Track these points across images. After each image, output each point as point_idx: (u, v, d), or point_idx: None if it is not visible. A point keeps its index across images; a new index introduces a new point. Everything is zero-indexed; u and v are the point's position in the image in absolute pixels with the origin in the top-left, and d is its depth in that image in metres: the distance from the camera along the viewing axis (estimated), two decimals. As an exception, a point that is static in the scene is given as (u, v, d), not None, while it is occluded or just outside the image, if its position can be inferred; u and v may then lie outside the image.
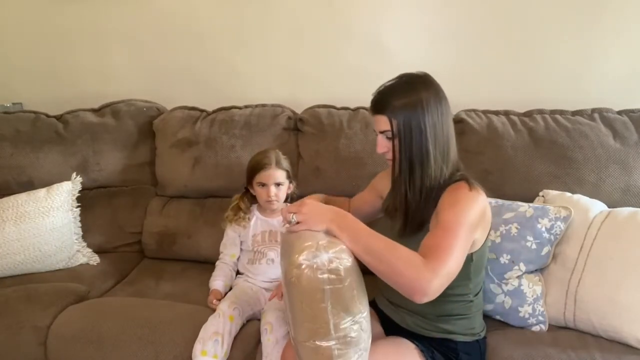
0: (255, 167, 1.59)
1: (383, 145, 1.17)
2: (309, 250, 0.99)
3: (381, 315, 1.35)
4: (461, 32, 1.92)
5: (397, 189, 1.19)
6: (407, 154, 1.13)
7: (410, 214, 1.18)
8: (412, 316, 1.25)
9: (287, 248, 1.07)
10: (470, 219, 1.07)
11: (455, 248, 1.02)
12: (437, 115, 1.12)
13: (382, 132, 1.16)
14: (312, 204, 1.11)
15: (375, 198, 1.45)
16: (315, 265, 0.97)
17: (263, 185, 1.59)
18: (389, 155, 1.18)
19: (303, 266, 0.97)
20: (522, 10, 1.85)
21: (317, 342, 0.99)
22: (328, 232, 1.07)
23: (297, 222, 1.09)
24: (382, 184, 1.41)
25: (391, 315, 1.31)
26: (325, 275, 0.97)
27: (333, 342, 0.99)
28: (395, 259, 0.99)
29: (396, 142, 1.13)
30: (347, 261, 1.00)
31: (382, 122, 1.14)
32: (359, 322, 1.02)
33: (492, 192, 1.22)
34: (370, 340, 1.07)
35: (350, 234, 1.05)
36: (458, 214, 1.06)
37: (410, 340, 1.21)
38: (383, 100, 1.14)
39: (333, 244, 1.02)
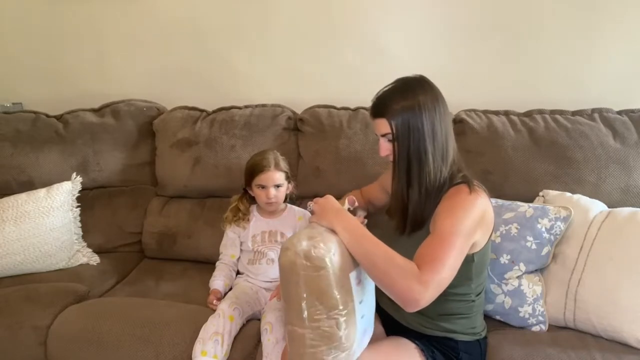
0: (254, 170, 1.59)
1: (385, 149, 1.20)
2: (299, 236, 1.04)
3: (382, 315, 1.35)
4: (461, 32, 1.92)
5: (398, 188, 1.20)
6: (406, 154, 1.15)
7: (410, 213, 1.19)
8: (413, 315, 1.25)
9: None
10: (467, 226, 1.09)
11: (449, 258, 1.03)
12: (435, 116, 1.14)
13: (383, 136, 1.19)
14: (328, 200, 1.15)
15: (382, 194, 1.49)
16: (297, 250, 1.01)
17: (262, 187, 1.59)
18: (392, 158, 1.19)
19: (289, 249, 1.02)
20: (522, 11, 1.85)
21: (295, 327, 1.03)
22: (332, 231, 1.09)
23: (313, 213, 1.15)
24: (389, 182, 1.42)
25: (392, 313, 1.32)
26: (302, 261, 1.00)
27: (307, 331, 1.01)
28: (391, 268, 1.01)
29: (397, 144, 1.15)
30: (326, 252, 1.01)
31: (383, 126, 1.16)
32: (335, 319, 1.02)
33: (492, 192, 1.22)
34: (351, 345, 1.06)
35: (352, 237, 1.07)
36: (454, 222, 1.08)
37: (410, 340, 1.22)
38: (382, 104, 1.17)
39: (321, 236, 1.04)
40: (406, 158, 1.15)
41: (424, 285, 0.98)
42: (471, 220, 1.10)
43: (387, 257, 1.03)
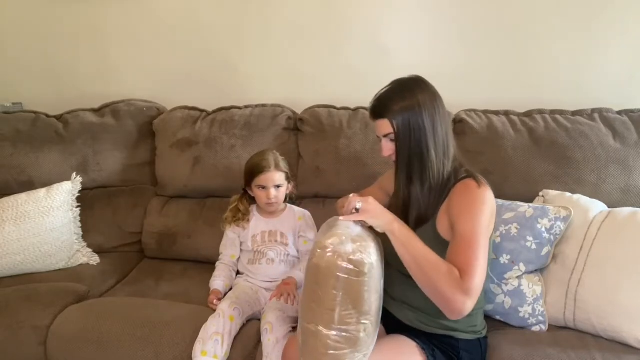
0: (254, 170, 1.59)
1: (388, 149, 1.22)
2: (339, 237, 1.02)
3: (383, 313, 1.35)
4: (461, 32, 1.92)
5: (403, 187, 1.22)
6: (408, 153, 1.17)
7: (415, 209, 1.22)
8: (414, 312, 1.26)
9: (325, 231, 1.11)
10: (485, 222, 1.13)
11: (480, 260, 1.07)
12: (434, 113, 1.17)
13: (385, 136, 1.21)
14: (377, 202, 1.16)
15: (382, 196, 1.48)
16: (339, 251, 0.99)
17: (263, 188, 1.59)
18: (395, 158, 1.21)
19: (328, 249, 1.00)
20: (522, 10, 1.85)
21: (319, 327, 1.01)
22: (386, 232, 1.11)
23: (357, 211, 1.13)
24: (389, 183, 1.43)
25: (394, 311, 1.32)
26: (345, 264, 0.99)
27: (333, 333, 1.00)
28: (437, 276, 1.05)
29: (399, 143, 1.18)
30: (370, 258, 1.01)
31: (384, 126, 1.18)
32: (364, 324, 1.02)
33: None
34: (370, 350, 1.08)
35: (405, 240, 1.10)
36: (474, 222, 1.11)
37: (411, 338, 1.22)
38: (382, 105, 1.19)
39: (363, 240, 1.04)
40: (409, 156, 1.18)
41: (467, 294, 1.03)
42: (487, 216, 1.14)
43: (434, 264, 1.06)
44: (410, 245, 1.10)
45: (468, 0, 1.88)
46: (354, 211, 1.13)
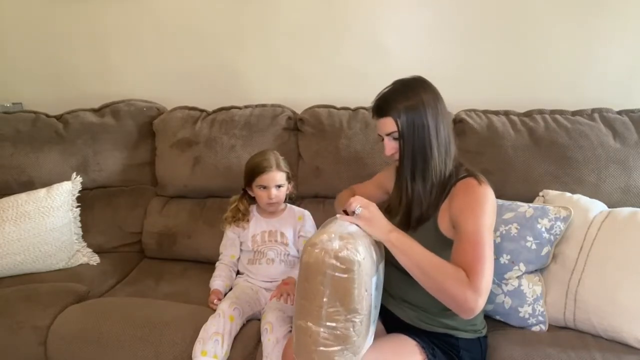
0: (255, 170, 1.59)
1: (391, 147, 1.22)
2: (329, 234, 1.03)
3: (382, 312, 1.35)
4: (461, 32, 1.92)
5: (406, 185, 1.23)
6: (412, 151, 1.18)
7: (416, 208, 1.23)
8: (415, 310, 1.27)
9: (320, 229, 1.12)
10: (488, 220, 1.13)
11: (486, 258, 1.08)
12: (437, 112, 1.18)
13: (388, 135, 1.21)
14: (377, 209, 1.16)
15: (379, 193, 1.49)
16: (326, 248, 1.00)
17: (264, 187, 1.59)
18: (397, 156, 1.22)
19: (317, 246, 1.01)
20: (522, 10, 1.85)
21: (309, 323, 1.02)
22: (383, 241, 1.12)
23: (355, 215, 1.13)
24: (388, 180, 1.44)
25: (393, 309, 1.32)
26: (332, 261, 0.99)
27: (322, 329, 1.01)
28: (445, 278, 1.06)
29: (402, 141, 1.19)
30: (357, 255, 1.01)
31: (388, 125, 1.19)
32: (352, 322, 1.02)
33: (492, 192, 1.23)
34: (362, 349, 1.08)
35: (405, 248, 1.10)
36: (477, 221, 1.11)
37: (411, 337, 1.22)
38: (385, 104, 1.20)
39: (352, 237, 1.04)
40: (412, 155, 1.19)
41: (477, 293, 1.03)
42: (489, 213, 1.14)
43: (439, 267, 1.07)
44: (412, 252, 1.10)
45: (468, 1, 1.88)
46: (357, 213, 1.13)
